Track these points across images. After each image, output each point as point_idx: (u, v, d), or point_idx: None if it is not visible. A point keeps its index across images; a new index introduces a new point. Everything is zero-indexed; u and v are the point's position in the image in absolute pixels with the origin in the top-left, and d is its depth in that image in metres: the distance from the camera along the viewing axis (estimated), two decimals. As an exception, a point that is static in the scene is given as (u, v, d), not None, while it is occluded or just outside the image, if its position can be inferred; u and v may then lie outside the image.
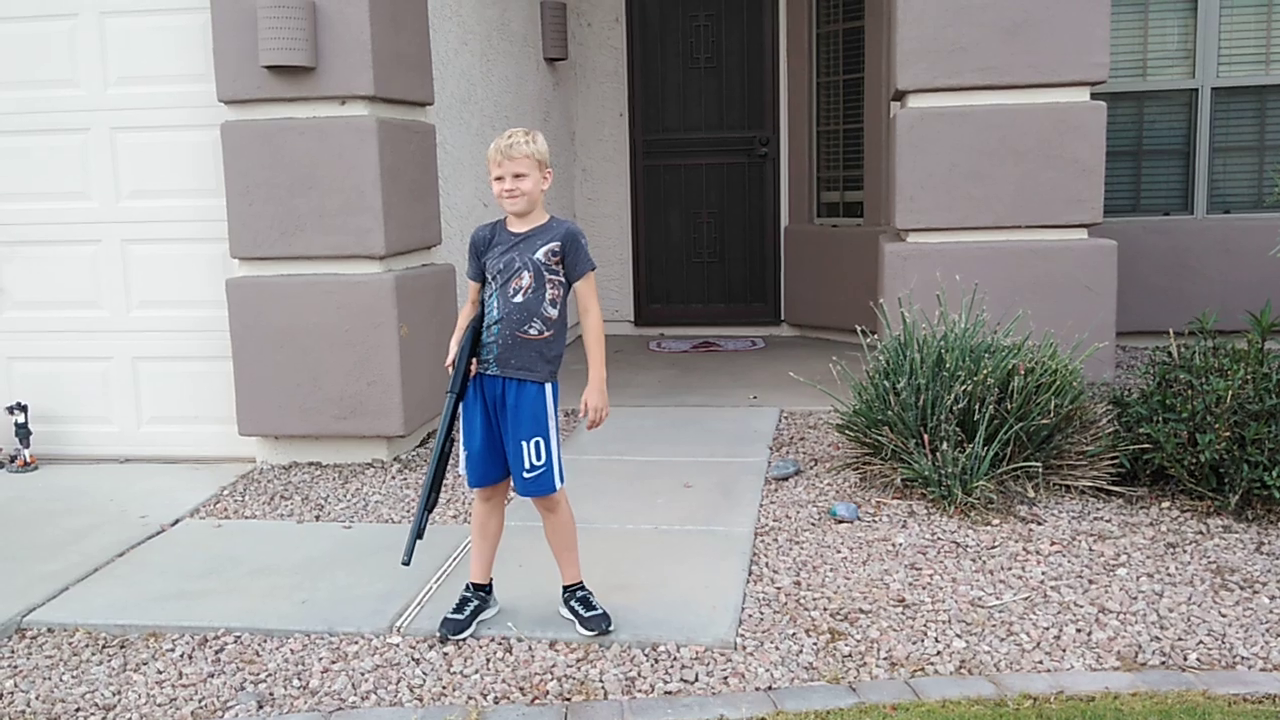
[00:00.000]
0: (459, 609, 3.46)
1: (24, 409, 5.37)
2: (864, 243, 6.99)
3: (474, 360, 3.34)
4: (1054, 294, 5.22)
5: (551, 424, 3.32)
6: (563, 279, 3.31)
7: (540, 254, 3.28)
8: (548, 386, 3.32)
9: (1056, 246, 5.30)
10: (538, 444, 3.29)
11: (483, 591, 3.50)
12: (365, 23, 4.87)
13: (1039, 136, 5.23)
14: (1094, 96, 5.29)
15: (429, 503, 3.31)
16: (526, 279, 3.27)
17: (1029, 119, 5.24)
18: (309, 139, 4.97)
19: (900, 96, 5.52)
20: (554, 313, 3.30)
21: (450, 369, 3.32)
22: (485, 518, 3.47)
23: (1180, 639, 3.29)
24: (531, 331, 3.28)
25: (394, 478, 4.99)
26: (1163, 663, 3.17)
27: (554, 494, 3.36)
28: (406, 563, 3.31)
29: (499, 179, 3.28)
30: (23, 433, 5.36)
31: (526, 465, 3.29)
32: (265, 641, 3.49)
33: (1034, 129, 5.24)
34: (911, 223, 5.38)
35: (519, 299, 3.27)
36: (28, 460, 5.36)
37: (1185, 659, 3.18)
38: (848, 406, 4.71)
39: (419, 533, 3.31)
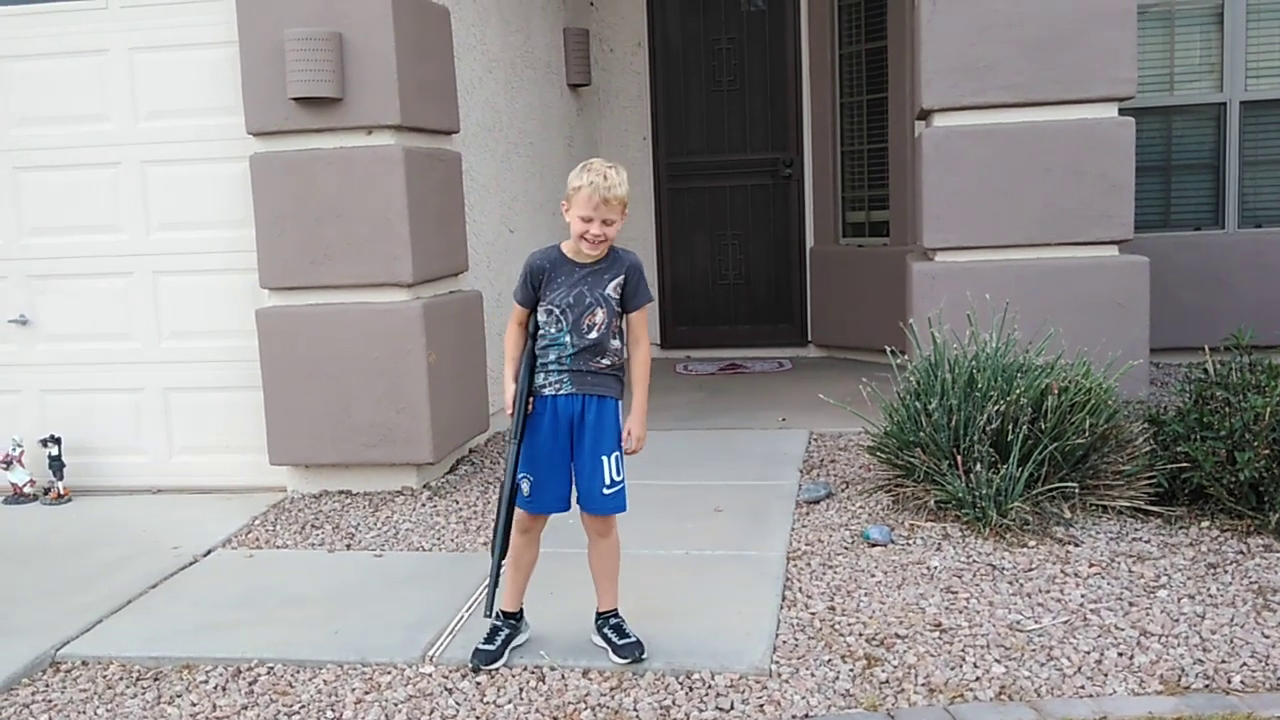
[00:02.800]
0: (490, 639, 3.43)
1: (58, 441, 5.41)
2: (890, 262, 6.96)
3: (529, 399, 3.32)
4: (1086, 312, 5.16)
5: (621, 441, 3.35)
6: (620, 309, 3.32)
7: (609, 288, 3.28)
8: (620, 405, 3.35)
9: (1088, 263, 5.25)
10: (617, 459, 3.31)
11: (514, 619, 3.48)
12: (391, 53, 4.91)
13: (1067, 153, 5.20)
14: (1122, 112, 5.25)
15: (502, 551, 3.33)
16: (600, 315, 3.26)
17: (1056, 136, 5.20)
18: (337, 169, 5.01)
19: (925, 115, 5.50)
20: (618, 343, 3.33)
21: (510, 413, 3.30)
22: (523, 549, 3.45)
23: (1223, 661, 3.23)
24: (604, 363, 3.30)
25: (424, 505, 4.99)
26: (1206, 686, 3.11)
27: (615, 515, 3.37)
28: (488, 615, 3.38)
29: (588, 220, 3.18)
30: (56, 465, 5.40)
31: (607, 480, 3.29)
32: (298, 672, 3.49)
33: (1062, 145, 5.20)
34: (939, 241, 5.35)
35: (594, 335, 3.26)
36: (61, 493, 5.40)
37: (1229, 682, 3.12)
38: (878, 428, 4.67)
39: (495, 581, 3.33)
